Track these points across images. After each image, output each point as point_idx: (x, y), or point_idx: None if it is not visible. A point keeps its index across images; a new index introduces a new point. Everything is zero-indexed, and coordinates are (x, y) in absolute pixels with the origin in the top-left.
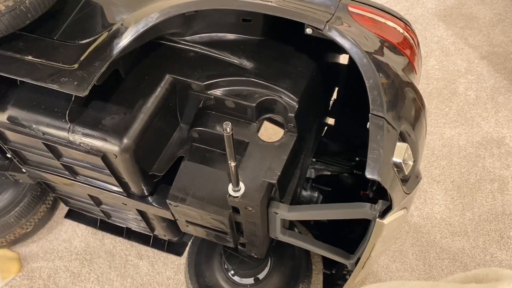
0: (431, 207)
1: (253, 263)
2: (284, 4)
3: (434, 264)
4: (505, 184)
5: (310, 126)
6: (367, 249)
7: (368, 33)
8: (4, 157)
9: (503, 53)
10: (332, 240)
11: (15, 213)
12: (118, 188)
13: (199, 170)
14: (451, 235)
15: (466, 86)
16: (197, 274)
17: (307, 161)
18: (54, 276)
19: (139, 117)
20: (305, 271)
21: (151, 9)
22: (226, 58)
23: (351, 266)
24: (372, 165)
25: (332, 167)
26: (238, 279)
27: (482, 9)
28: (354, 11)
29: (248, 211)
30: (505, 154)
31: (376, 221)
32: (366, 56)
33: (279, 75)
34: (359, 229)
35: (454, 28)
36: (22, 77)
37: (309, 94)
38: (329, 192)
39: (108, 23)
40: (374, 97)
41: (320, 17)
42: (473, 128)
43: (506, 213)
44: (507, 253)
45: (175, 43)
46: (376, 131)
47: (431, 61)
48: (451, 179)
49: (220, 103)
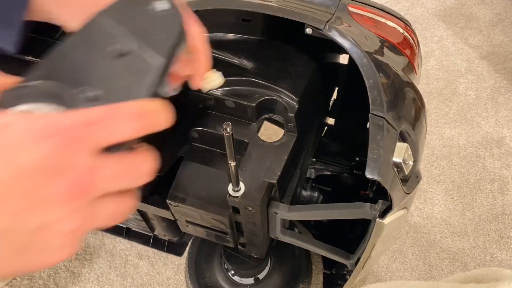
0: (431, 207)
1: (253, 263)
2: (284, 4)
3: (434, 264)
4: (505, 184)
5: (310, 126)
6: (367, 249)
7: (368, 33)
8: None
9: (503, 53)
10: (332, 240)
11: None
12: None
13: (199, 170)
14: (451, 235)
15: (466, 86)
16: (197, 274)
17: (307, 161)
18: (54, 276)
19: None
20: (305, 271)
21: None
22: (226, 58)
23: (351, 266)
24: (372, 165)
25: (332, 167)
26: (238, 279)
27: (482, 9)
28: (354, 11)
29: (248, 211)
30: (505, 154)
31: (376, 221)
32: (366, 56)
33: (279, 75)
34: (359, 229)
35: (454, 28)
36: None
37: (309, 94)
38: (329, 192)
39: None
40: (374, 97)
41: (320, 17)
42: (473, 128)
43: (506, 213)
44: (507, 253)
45: None
46: (376, 131)
47: (431, 61)
48: (451, 179)
49: (220, 103)
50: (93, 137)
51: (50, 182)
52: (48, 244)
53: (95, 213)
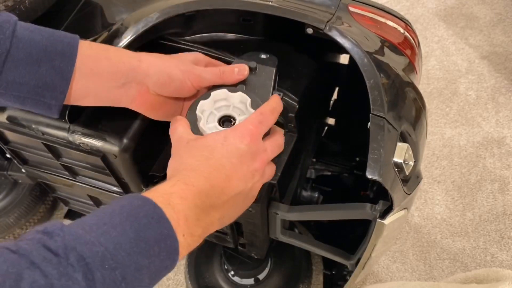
0: (432, 208)
1: (253, 263)
2: (284, 4)
3: (434, 264)
4: (505, 184)
5: (310, 126)
6: (368, 249)
7: (368, 33)
8: (4, 157)
9: (504, 53)
10: (333, 240)
11: (15, 214)
12: (118, 188)
13: None
14: (452, 236)
15: (466, 86)
16: (196, 275)
17: (307, 161)
18: None
19: (139, 117)
20: (305, 271)
21: (151, 9)
22: (226, 58)
23: (352, 267)
24: (372, 166)
25: (332, 167)
26: (238, 279)
27: (482, 9)
28: (354, 11)
29: (248, 211)
30: (505, 154)
31: (377, 222)
32: (367, 56)
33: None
34: (360, 229)
35: (455, 28)
36: None
37: (310, 94)
38: (330, 193)
39: (108, 23)
40: (375, 97)
41: (321, 17)
42: (474, 128)
43: (506, 214)
44: (508, 254)
45: (175, 43)
46: (377, 131)
47: (431, 61)
48: (452, 179)
49: None
50: (262, 131)
51: (254, 160)
52: (252, 196)
53: (265, 174)
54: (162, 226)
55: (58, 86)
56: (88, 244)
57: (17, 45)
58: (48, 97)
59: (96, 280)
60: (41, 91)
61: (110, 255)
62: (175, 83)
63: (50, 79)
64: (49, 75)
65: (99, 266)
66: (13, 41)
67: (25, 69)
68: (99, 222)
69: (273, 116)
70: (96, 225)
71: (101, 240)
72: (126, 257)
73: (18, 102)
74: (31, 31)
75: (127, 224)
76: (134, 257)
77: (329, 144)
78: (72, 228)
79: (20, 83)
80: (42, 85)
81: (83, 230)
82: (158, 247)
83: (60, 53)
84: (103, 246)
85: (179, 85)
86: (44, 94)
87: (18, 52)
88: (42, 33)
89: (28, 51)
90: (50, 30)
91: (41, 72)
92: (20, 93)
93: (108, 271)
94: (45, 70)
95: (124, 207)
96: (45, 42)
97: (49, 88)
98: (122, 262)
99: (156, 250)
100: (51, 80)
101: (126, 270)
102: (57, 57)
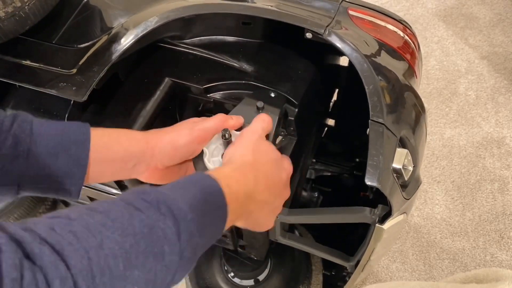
0: (431, 207)
1: (253, 265)
2: (284, 8)
3: (434, 264)
4: (505, 184)
5: (310, 129)
6: (367, 252)
7: (368, 37)
8: None
9: (504, 53)
10: (333, 242)
11: (15, 215)
12: (117, 190)
13: None
14: (451, 236)
15: (466, 86)
16: (197, 276)
17: (307, 162)
18: None
19: (138, 120)
20: (305, 272)
21: (150, 13)
22: (225, 61)
23: (351, 269)
24: (371, 172)
25: (332, 168)
26: (238, 280)
27: (482, 9)
28: (354, 15)
29: None
30: (505, 154)
31: (376, 226)
32: (366, 61)
33: (279, 79)
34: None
35: (454, 28)
36: (20, 82)
37: (309, 98)
38: (329, 193)
39: (107, 27)
40: (374, 103)
41: (320, 22)
42: (473, 128)
43: (506, 213)
44: (508, 253)
45: (174, 46)
46: (376, 138)
47: (431, 61)
48: (451, 179)
49: (220, 106)
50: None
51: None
52: (278, 209)
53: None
54: (220, 200)
55: (76, 173)
56: (174, 200)
57: (35, 141)
58: (68, 184)
59: (181, 230)
60: (62, 179)
61: (189, 211)
62: (181, 151)
63: (68, 168)
64: (67, 164)
65: (182, 218)
66: (32, 138)
67: (45, 163)
68: (176, 186)
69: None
70: (176, 189)
71: (181, 199)
72: (198, 215)
73: (40, 192)
74: (46, 126)
75: (198, 192)
76: (201, 217)
77: (329, 145)
78: (159, 188)
79: (42, 175)
80: (62, 175)
81: (168, 191)
82: (217, 214)
83: (74, 142)
84: (183, 204)
85: (185, 151)
86: (64, 182)
87: (37, 148)
88: (56, 126)
89: (45, 145)
90: (62, 123)
91: (60, 162)
92: (43, 185)
93: (187, 223)
94: (63, 160)
95: (197, 181)
96: (59, 133)
97: (68, 176)
98: (196, 219)
99: (215, 215)
100: (69, 169)
101: (197, 226)
102: (72, 146)
